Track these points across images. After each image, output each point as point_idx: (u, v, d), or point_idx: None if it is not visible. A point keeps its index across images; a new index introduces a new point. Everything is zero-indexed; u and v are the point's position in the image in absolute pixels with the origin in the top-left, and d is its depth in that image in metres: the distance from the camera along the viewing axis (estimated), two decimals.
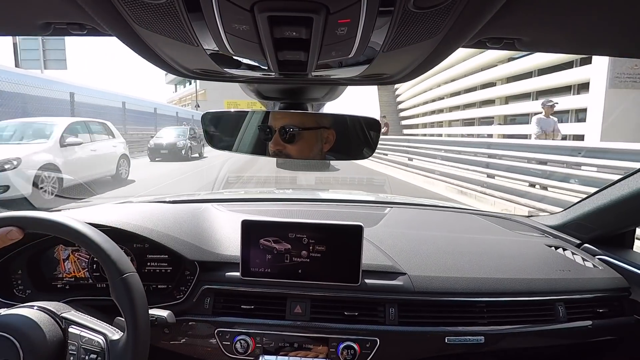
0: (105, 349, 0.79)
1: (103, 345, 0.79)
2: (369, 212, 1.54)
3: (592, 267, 1.22)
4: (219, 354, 1.04)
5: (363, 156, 0.83)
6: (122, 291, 0.79)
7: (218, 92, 34.28)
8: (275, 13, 0.37)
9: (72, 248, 1.16)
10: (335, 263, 1.05)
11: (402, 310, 1.06)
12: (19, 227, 0.79)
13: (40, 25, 0.57)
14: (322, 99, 0.87)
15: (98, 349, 0.79)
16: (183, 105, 40.77)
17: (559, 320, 1.09)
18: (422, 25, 0.42)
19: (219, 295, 1.09)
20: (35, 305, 0.83)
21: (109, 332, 0.82)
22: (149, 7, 0.38)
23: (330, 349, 1.02)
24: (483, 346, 1.03)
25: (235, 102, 28.09)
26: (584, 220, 1.33)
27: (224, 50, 0.47)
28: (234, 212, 1.35)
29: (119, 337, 0.80)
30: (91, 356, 0.78)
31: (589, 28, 0.54)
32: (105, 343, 0.79)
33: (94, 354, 0.78)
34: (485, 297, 1.08)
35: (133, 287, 0.80)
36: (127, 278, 0.80)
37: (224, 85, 0.79)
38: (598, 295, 1.14)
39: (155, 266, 1.15)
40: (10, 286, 1.09)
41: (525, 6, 0.46)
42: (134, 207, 1.28)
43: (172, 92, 49.54)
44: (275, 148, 0.79)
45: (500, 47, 0.60)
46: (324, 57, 0.49)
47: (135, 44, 0.50)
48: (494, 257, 1.20)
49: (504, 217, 1.64)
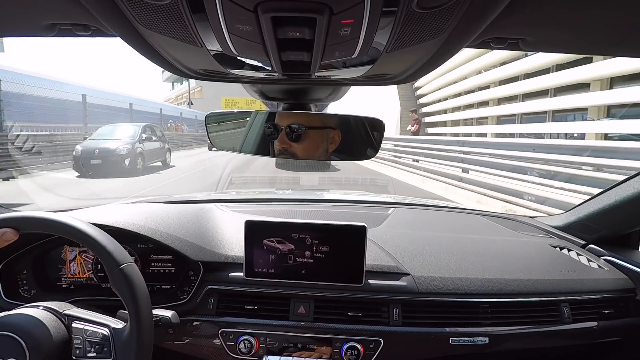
0: (110, 339, 0.80)
1: (107, 336, 0.80)
2: (373, 213, 1.54)
3: (597, 267, 1.21)
4: (223, 354, 1.04)
5: (367, 157, 0.83)
6: (121, 281, 0.80)
7: (214, 89, 30.56)
8: (278, 14, 0.37)
9: (79, 249, 1.16)
10: (338, 263, 1.05)
11: (405, 311, 1.05)
12: (13, 228, 0.79)
13: (45, 26, 0.57)
14: (326, 99, 0.87)
15: (103, 340, 0.80)
16: (178, 103, 38.82)
17: (564, 321, 1.08)
18: (425, 25, 0.42)
19: (222, 296, 1.09)
20: (38, 305, 0.84)
21: (112, 323, 0.83)
22: (152, 8, 0.38)
23: (334, 350, 1.02)
24: (487, 347, 1.03)
25: (233, 100, 26.89)
26: (588, 220, 1.32)
27: (227, 51, 0.47)
28: (237, 213, 1.36)
29: (122, 327, 0.81)
30: (96, 347, 0.79)
31: (594, 27, 0.53)
32: (109, 333, 0.80)
33: (99, 345, 0.79)
34: (490, 297, 1.07)
35: (132, 276, 0.81)
36: (125, 268, 0.81)
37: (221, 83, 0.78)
38: (603, 296, 1.13)
39: (159, 266, 1.16)
40: (15, 286, 1.10)
41: (529, 6, 0.46)
42: (138, 207, 1.29)
43: (169, 90, 47.54)
44: (281, 146, 0.79)
45: (504, 47, 0.60)
46: (327, 58, 0.49)
47: (139, 44, 0.50)
48: (498, 258, 1.19)
49: (508, 218, 1.63)
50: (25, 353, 0.73)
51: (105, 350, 0.79)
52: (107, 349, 0.79)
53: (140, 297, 0.80)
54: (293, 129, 0.78)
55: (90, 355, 0.79)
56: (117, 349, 0.79)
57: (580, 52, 0.70)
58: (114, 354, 0.79)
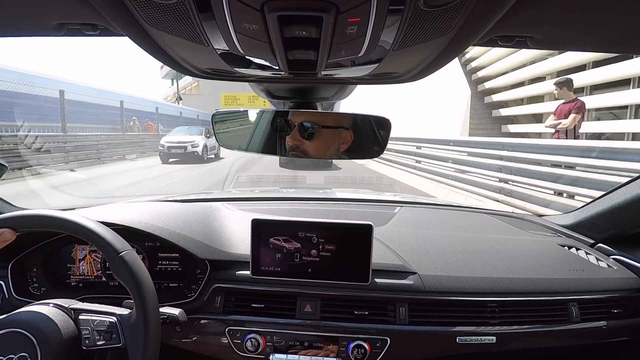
0: (117, 326, 0.81)
1: (115, 323, 0.82)
2: (379, 211, 1.54)
3: (606, 267, 1.20)
4: (230, 352, 1.05)
5: (374, 155, 0.83)
6: (122, 268, 0.81)
7: (213, 85, 27.28)
8: (285, 12, 0.37)
9: (90, 248, 1.18)
10: (345, 262, 1.05)
11: (412, 310, 1.05)
12: (9, 227, 0.80)
13: (54, 25, 0.58)
14: (332, 98, 0.87)
15: (111, 327, 0.81)
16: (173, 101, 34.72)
17: (572, 321, 1.07)
18: (432, 23, 0.42)
19: (229, 294, 1.09)
20: (47, 302, 0.86)
21: (118, 310, 0.84)
22: (160, 7, 0.39)
23: (341, 348, 1.02)
24: (495, 346, 1.03)
25: (233, 96, 26.16)
26: (597, 219, 1.31)
27: (234, 50, 0.48)
28: (243, 211, 1.36)
29: (129, 313, 0.83)
30: (105, 335, 0.81)
31: (603, 25, 0.53)
32: (116, 320, 0.82)
33: (108, 333, 0.81)
34: (497, 296, 1.07)
35: (132, 262, 0.82)
36: (125, 255, 0.82)
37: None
38: (612, 296, 1.12)
39: (167, 264, 1.17)
40: (25, 284, 1.12)
41: (536, 3, 0.45)
42: (145, 205, 1.30)
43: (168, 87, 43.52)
44: (293, 143, 0.79)
45: (512, 45, 0.60)
46: (334, 56, 0.49)
47: (147, 44, 0.51)
48: (506, 257, 1.18)
49: (516, 217, 1.62)
50: (35, 347, 0.74)
51: (114, 337, 0.81)
52: (116, 336, 0.81)
53: (143, 282, 0.81)
54: (306, 127, 0.78)
55: (99, 343, 0.81)
56: (126, 334, 0.81)
57: (591, 50, 0.69)
58: (123, 339, 0.81)
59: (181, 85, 34.43)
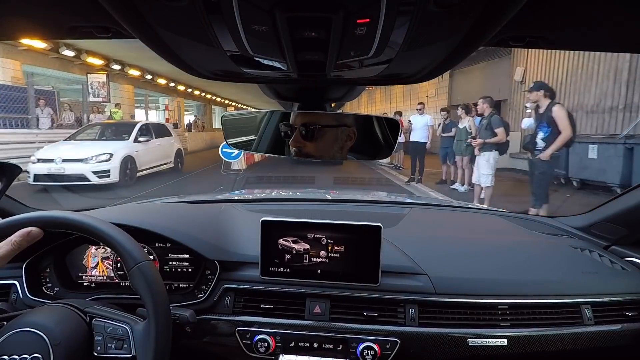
0: (129, 336, 0.82)
1: (127, 333, 0.83)
2: (389, 213, 1.53)
3: (620, 269, 1.18)
4: (240, 352, 1.05)
5: (382, 156, 0.82)
6: (139, 279, 0.82)
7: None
8: (294, 13, 0.37)
9: (102, 248, 1.19)
10: (354, 263, 1.05)
11: (422, 311, 1.05)
12: (38, 226, 0.82)
13: (67, 28, 0.59)
14: (341, 99, 0.87)
15: (123, 337, 0.82)
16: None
17: (585, 324, 1.06)
18: (442, 24, 0.41)
19: (239, 295, 1.10)
20: (61, 302, 0.87)
21: (131, 320, 0.85)
22: (170, 9, 0.39)
23: (350, 349, 1.02)
24: (506, 349, 1.01)
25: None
26: (611, 221, 1.29)
27: (243, 51, 0.48)
28: (253, 212, 1.37)
29: (141, 324, 0.84)
30: (117, 343, 0.82)
31: (617, 25, 0.52)
32: (129, 330, 0.83)
33: (120, 341, 0.82)
34: (509, 299, 1.05)
35: (149, 274, 0.83)
36: (143, 266, 0.83)
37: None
38: (627, 298, 1.10)
39: (177, 265, 1.17)
40: (39, 284, 1.13)
41: (548, 2, 0.45)
42: (156, 207, 1.31)
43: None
44: (295, 145, 0.79)
45: (523, 46, 0.59)
46: (343, 57, 0.49)
47: (157, 46, 0.51)
48: (517, 258, 1.17)
49: (527, 218, 1.60)
50: (49, 349, 0.75)
51: (126, 346, 0.81)
52: (127, 346, 0.81)
53: (158, 295, 0.82)
54: (307, 129, 0.78)
55: (111, 351, 0.82)
56: (137, 345, 0.81)
57: (606, 50, 0.68)
58: (133, 350, 0.81)
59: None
